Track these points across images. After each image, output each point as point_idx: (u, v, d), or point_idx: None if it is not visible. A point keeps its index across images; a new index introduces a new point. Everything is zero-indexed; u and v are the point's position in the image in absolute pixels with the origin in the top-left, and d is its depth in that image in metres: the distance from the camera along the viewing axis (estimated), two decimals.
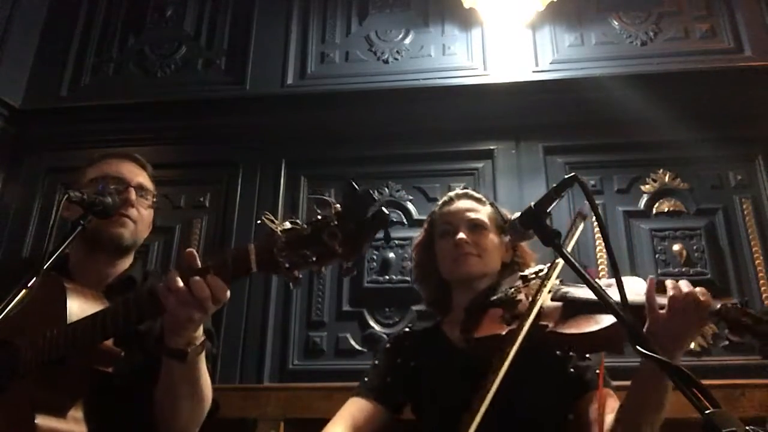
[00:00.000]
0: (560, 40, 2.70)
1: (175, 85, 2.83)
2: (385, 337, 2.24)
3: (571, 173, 1.21)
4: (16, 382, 1.28)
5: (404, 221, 2.45)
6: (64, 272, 1.51)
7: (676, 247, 2.29)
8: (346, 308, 2.35)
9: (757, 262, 2.23)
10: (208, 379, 1.37)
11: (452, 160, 2.53)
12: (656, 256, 2.29)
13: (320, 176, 2.58)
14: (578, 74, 2.56)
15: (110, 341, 1.29)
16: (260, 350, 2.27)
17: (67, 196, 1.32)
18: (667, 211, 2.36)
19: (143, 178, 1.65)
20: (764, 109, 2.41)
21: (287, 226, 1.09)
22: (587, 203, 1.13)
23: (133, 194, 1.56)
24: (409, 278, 2.27)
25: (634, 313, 1.13)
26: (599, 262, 2.28)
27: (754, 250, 2.25)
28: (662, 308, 1.14)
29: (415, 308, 2.27)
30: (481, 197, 1.71)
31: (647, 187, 2.41)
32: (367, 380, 1.59)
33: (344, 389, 2.05)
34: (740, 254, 2.26)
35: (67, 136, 2.73)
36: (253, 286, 2.35)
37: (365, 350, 2.26)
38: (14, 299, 1.12)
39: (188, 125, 2.70)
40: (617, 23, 2.71)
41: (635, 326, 0.95)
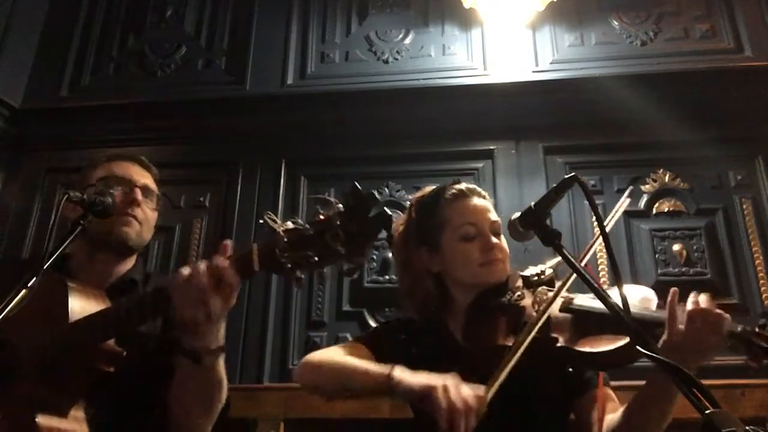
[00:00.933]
0: (560, 40, 2.70)
1: (175, 85, 2.83)
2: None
3: (571, 173, 1.21)
4: (17, 381, 1.28)
5: None
6: (65, 272, 1.51)
7: (676, 247, 2.30)
8: (346, 308, 2.35)
9: (757, 262, 2.23)
10: (224, 381, 1.36)
11: (452, 160, 2.53)
12: (656, 256, 2.29)
13: (320, 176, 2.59)
14: (578, 74, 2.56)
15: (112, 341, 1.30)
16: (260, 350, 2.27)
17: (67, 196, 1.32)
18: (667, 211, 2.36)
19: (149, 180, 1.65)
20: (764, 109, 2.41)
21: (290, 226, 1.09)
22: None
23: (139, 194, 1.56)
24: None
25: (647, 328, 1.14)
26: (599, 262, 2.28)
27: (754, 250, 2.25)
28: (681, 323, 1.14)
29: None
30: (487, 194, 1.62)
31: (647, 187, 2.41)
32: (369, 335, 1.60)
33: None
34: (740, 254, 2.26)
35: (67, 136, 2.73)
36: (253, 286, 2.34)
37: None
38: (14, 299, 1.12)
39: (188, 125, 2.70)
40: (617, 23, 2.71)
41: (637, 327, 0.95)
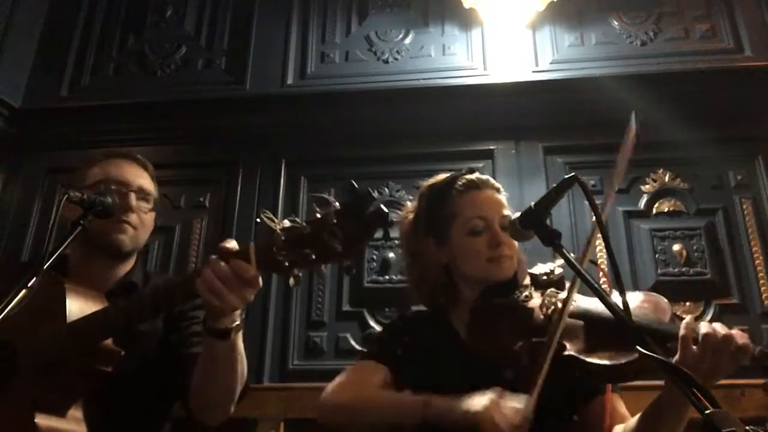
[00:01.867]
0: (560, 40, 2.70)
1: (175, 85, 2.83)
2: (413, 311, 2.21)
3: (571, 173, 1.21)
4: (16, 381, 1.28)
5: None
6: (63, 274, 1.51)
7: (676, 247, 2.30)
8: (346, 308, 2.35)
9: (757, 262, 2.23)
10: (244, 356, 1.39)
11: (452, 160, 2.52)
12: (656, 256, 2.29)
13: (320, 176, 2.58)
14: (578, 74, 2.56)
15: (110, 341, 1.30)
16: (260, 350, 2.27)
17: (67, 196, 1.32)
18: (667, 211, 2.36)
19: (145, 180, 1.63)
20: (764, 109, 2.41)
21: (287, 224, 1.10)
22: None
23: (133, 199, 1.55)
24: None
25: (660, 340, 1.13)
26: (599, 262, 2.27)
27: (754, 250, 2.25)
28: (694, 345, 1.12)
29: (415, 308, 2.27)
30: (500, 187, 1.58)
31: (647, 187, 2.41)
32: (376, 347, 1.55)
33: None
34: (740, 254, 2.26)
35: (67, 136, 2.73)
36: None
37: (365, 350, 2.25)
38: (14, 299, 1.12)
39: (188, 125, 2.70)
40: (617, 23, 2.71)
41: (637, 327, 0.95)
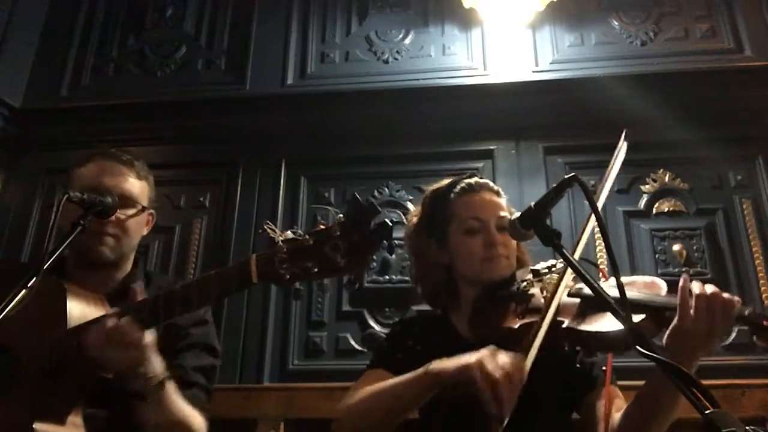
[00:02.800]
0: (560, 40, 2.70)
1: (175, 85, 2.83)
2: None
3: (571, 173, 1.21)
4: (15, 387, 1.27)
5: (404, 221, 2.44)
6: (62, 276, 1.50)
7: (676, 247, 2.29)
8: (346, 308, 2.35)
9: (757, 262, 2.23)
10: (186, 412, 1.36)
11: (452, 160, 2.52)
12: (656, 256, 2.29)
13: (320, 176, 2.58)
14: (578, 74, 2.56)
15: None
16: (260, 350, 2.27)
17: (67, 196, 1.31)
18: (667, 211, 2.36)
19: (127, 183, 1.57)
20: (764, 109, 2.41)
21: (289, 236, 1.08)
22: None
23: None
24: (409, 278, 2.26)
25: (656, 312, 1.17)
26: (599, 262, 2.27)
27: (754, 250, 2.25)
28: (691, 308, 1.15)
29: (415, 308, 2.27)
30: (499, 190, 1.63)
31: (647, 187, 2.41)
32: (379, 354, 1.57)
33: (344, 389, 2.05)
34: (740, 254, 2.26)
35: (67, 136, 2.73)
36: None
37: (365, 350, 2.25)
38: (14, 300, 1.12)
39: (188, 125, 2.70)
40: (617, 23, 2.71)
41: (637, 327, 0.95)
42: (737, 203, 2.34)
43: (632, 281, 1.31)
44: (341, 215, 1.06)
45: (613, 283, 1.01)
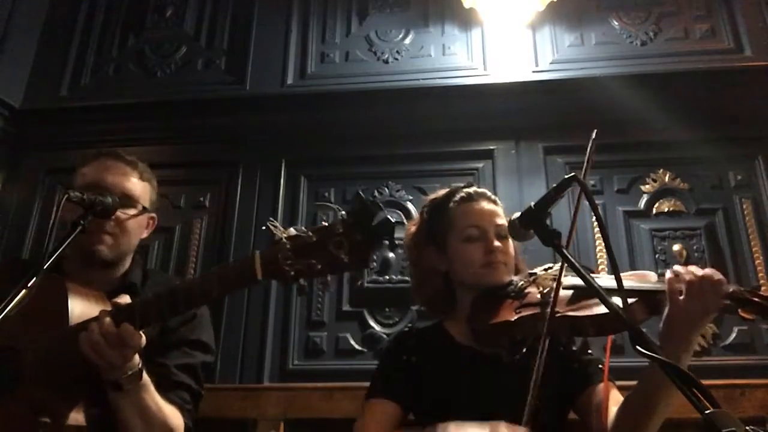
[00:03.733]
0: (560, 40, 2.69)
1: (175, 85, 2.83)
2: (385, 337, 2.24)
3: (571, 173, 1.21)
4: (19, 384, 1.28)
5: (404, 221, 2.44)
6: (63, 274, 1.51)
7: (676, 247, 2.29)
8: (346, 308, 2.35)
9: (757, 262, 2.23)
10: (162, 407, 1.35)
11: (452, 160, 2.53)
12: (656, 256, 2.28)
13: (320, 176, 2.58)
14: (578, 74, 2.55)
15: None
16: (260, 350, 2.27)
17: (67, 196, 1.31)
18: (667, 211, 2.36)
19: (129, 183, 1.58)
20: (764, 109, 2.41)
21: (293, 233, 1.09)
22: None
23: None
24: (409, 278, 2.26)
25: (650, 298, 1.22)
26: (599, 262, 2.27)
27: (754, 250, 2.25)
28: (680, 293, 1.19)
29: (414, 308, 2.27)
30: (496, 199, 1.67)
31: (647, 187, 2.41)
32: (376, 382, 1.56)
33: (344, 389, 2.07)
34: (740, 254, 2.26)
35: (67, 136, 2.73)
36: None
37: (365, 350, 2.26)
38: (14, 299, 1.12)
39: (188, 125, 2.70)
40: (617, 23, 2.71)
41: (636, 326, 0.95)
42: (737, 203, 2.34)
43: (625, 275, 1.33)
44: (344, 213, 1.07)
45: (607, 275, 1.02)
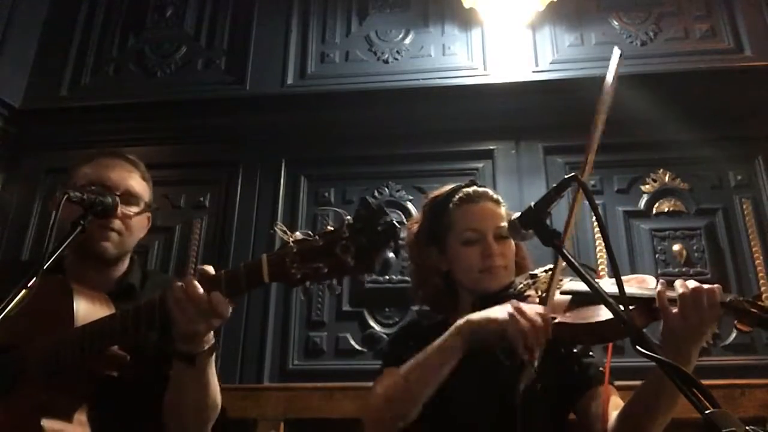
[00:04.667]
0: (560, 40, 2.70)
1: (175, 85, 2.83)
2: (385, 337, 2.24)
3: (571, 173, 1.21)
4: (23, 385, 1.28)
5: (404, 221, 2.44)
6: (63, 274, 1.51)
7: (676, 247, 2.30)
8: (346, 308, 2.35)
9: (757, 262, 2.23)
10: (216, 383, 1.37)
11: (452, 160, 2.53)
12: (656, 256, 2.29)
13: (320, 176, 2.58)
14: (578, 74, 2.55)
15: (116, 346, 1.29)
16: (260, 350, 2.27)
17: (66, 196, 1.31)
18: (667, 211, 2.36)
19: (133, 181, 1.58)
20: (764, 109, 2.41)
21: (299, 236, 1.10)
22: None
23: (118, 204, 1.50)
24: (409, 278, 2.26)
25: (646, 303, 1.21)
26: (599, 262, 2.28)
27: (754, 250, 2.25)
28: (672, 306, 1.17)
29: (415, 308, 2.27)
30: (499, 198, 1.63)
31: (647, 187, 2.41)
32: (387, 358, 1.56)
33: (344, 389, 2.08)
34: (740, 254, 2.26)
35: (67, 136, 2.73)
36: None
37: (365, 350, 2.26)
38: (14, 300, 1.12)
39: (188, 125, 2.70)
40: (617, 23, 2.71)
41: (636, 326, 0.95)
42: (737, 203, 2.34)
43: (623, 279, 1.33)
44: (349, 217, 1.07)
45: (607, 280, 1.02)
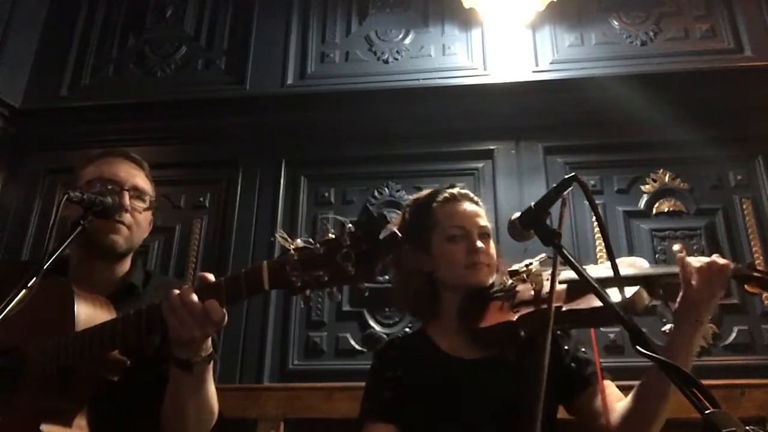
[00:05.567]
0: (560, 40, 2.70)
1: (175, 85, 2.83)
2: (385, 337, 2.24)
3: (571, 173, 1.21)
4: (23, 389, 1.27)
5: None
6: (64, 275, 1.50)
7: (676, 247, 2.26)
8: (346, 308, 2.35)
9: (757, 262, 2.22)
10: (214, 391, 1.37)
11: (452, 160, 2.53)
12: (656, 256, 2.28)
13: (320, 176, 2.58)
14: (578, 74, 2.56)
15: (117, 350, 1.29)
16: (260, 350, 2.27)
17: (67, 196, 1.31)
18: (667, 211, 2.36)
19: (140, 179, 1.60)
20: (764, 109, 2.41)
21: (300, 244, 1.10)
22: None
23: (126, 198, 1.52)
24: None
25: (647, 282, 1.32)
26: (599, 262, 2.27)
27: (754, 250, 2.25)
28: (692, 279, 1.27)
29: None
30: (479, 200, 1.65)
31: (647, 187, 2.41)
32: (368, 403, 1.51)
33: (344, 389, 2.07)
34: (740, 254, 2.26)
35: (67, 136, 2.73)
36: None
37: (365, 350, 2.25)
38: (14, 300, 1.12)
39: (188, 125, 2.70)
40: (617, 23, 2.71)
41: (635, 326, 0.95)
42: (737, 203, 2.34)
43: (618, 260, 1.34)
44: (350, 225, 1.07)
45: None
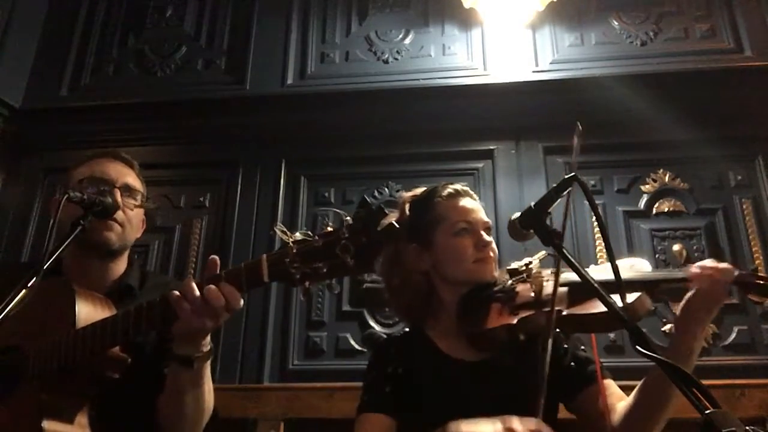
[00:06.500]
0: (560, 40, 2.70)
1: (175, 85, 2.83)
2: (385, 337, 2.23)
3: (571, 173, 1.21)
4: (24, 386, 1.28)
5: None
6: (59, 275, 1.51)
7: (676, 247, 2.30)
8: (346, 308, 2.35)
9: (757, 262, 2.23)
10: (211, 387, 1.37)
11: (452, 160, 2.53)
12: (656, 256, 2.29)
13: (320, 176, 2.59)
14: (578, 74, 2.55)
15: (118, 348, 1.29)
16: (260, 350, 2.27)
17: (66, 196, 1.32)
18: (667, 211, 2.36)
19: (130, 177, 1.61)
20: (764, 109, 2.41)
21: (299, 237, 1.10)
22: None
23: (118, 196, 1.53)
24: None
25: (649, 287, 1.28)
26: (600, 262, 2.27)
27: (754, 250, 2.25)
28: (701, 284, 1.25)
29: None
30: (477, 198, 1.64)
31: (647, 187, 2.41)
32: (368, 396, 1.49)
33: (344, 389, 2.07)
34: (740, 254, 2.26)
35: (67, 136, 2.73)
36: None
37: (365, 350, 2.26)
38: (14, 300, 1.12)
39: (188, 125, 2.70)
40: (617, 23, 2.71)
41: (636, 326, 0.95)
42: (737, 203, 2.34)
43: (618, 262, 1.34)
44: (348, 218, 1.07)
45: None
